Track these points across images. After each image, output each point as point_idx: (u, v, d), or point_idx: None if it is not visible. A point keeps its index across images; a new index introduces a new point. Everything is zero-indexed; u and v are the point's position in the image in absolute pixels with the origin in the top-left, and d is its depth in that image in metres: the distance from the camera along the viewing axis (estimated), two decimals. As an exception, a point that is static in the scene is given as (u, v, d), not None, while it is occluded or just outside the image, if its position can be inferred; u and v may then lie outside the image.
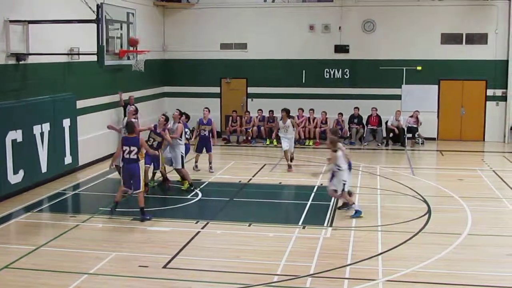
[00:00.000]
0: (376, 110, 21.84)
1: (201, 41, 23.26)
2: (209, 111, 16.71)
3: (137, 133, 12.04)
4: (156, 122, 14.23)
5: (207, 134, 16.30)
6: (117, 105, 19.01)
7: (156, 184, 14.69)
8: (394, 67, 22.45)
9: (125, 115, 17.61)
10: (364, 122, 22.09)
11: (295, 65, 23.04)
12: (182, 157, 14.33)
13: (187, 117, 15.48)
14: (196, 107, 19.07)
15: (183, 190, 14.28)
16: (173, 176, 14.84)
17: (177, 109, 15.02)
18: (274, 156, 19.00)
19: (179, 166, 14.30)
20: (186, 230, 11.15)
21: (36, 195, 13.82)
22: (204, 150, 16.34)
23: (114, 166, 12.76)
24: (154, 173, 14.64)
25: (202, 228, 11.38)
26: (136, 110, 15.47)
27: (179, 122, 14.51)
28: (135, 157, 11.67)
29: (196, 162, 16.49)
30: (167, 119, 14.09)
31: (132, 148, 11.62)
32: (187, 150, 14.91)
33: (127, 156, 11.67)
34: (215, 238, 10.91)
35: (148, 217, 11.80)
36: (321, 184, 15.06)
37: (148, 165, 13.88)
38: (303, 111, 22.24)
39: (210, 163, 16.47)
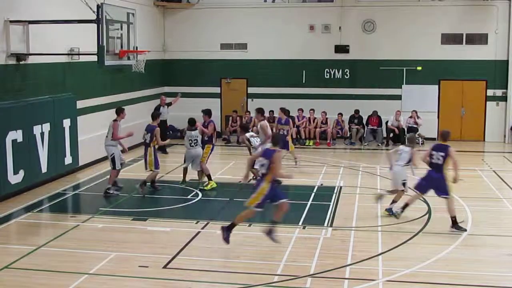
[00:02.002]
0: (377, 113, 21.85)
1: (201, 41, 23.28)
2: (284, 112, 17.57)
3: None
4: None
5: (285, 133, 16.77)
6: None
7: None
8: (394, 67, 22.45)
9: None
10: (364, 122, 22.10)
11: (295, 65, 23.04)
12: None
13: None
14: (196, 108, 19.01)
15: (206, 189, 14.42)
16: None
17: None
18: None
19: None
20: (186, 230, 11.15)
21: (36, 195, 13.82)
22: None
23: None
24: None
25: (202, 228, 11.38)
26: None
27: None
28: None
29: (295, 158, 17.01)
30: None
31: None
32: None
33: None
34: (215, 238, 10.88)
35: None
36: (321, 184, 15.08)
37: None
38: (303, 111, 22.25)
39: (295, 158, 16.99)
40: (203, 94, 23.29)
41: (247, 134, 15.23)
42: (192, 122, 14.51)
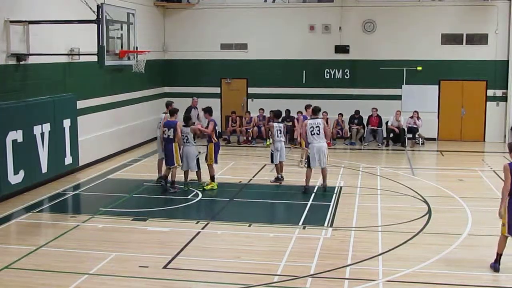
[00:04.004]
0: (377, 110, 21.85)
1: (202, 41, 23.29)
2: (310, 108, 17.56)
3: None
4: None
5: None
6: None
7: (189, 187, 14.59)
8: (394, 67, 22.44)
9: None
10: (365, 122, 22.10)
11: (296, 65, 23.04)
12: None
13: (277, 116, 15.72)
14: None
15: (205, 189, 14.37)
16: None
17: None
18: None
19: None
20: (187, 231, 11.15)
21: (36, 196, 13.82)
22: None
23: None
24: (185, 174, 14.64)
25: (203, 228, 11.38)
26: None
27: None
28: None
29: (302, 157, 17.23)
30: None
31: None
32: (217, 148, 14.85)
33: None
34: (216, 239, 10.91)
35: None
36: (322, 184, 15.06)
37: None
38: (302, 113, 22.20)
39: (301, 157, 17.29)
40: (203, 94, 23.26)
41: (279, 125, 15.20)
42: (186, 120, 14.46)
